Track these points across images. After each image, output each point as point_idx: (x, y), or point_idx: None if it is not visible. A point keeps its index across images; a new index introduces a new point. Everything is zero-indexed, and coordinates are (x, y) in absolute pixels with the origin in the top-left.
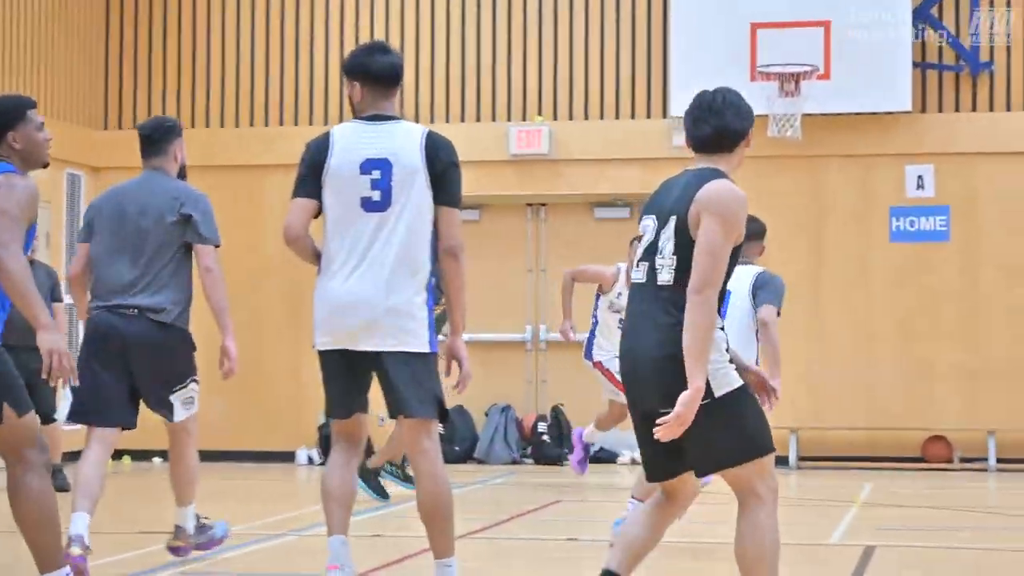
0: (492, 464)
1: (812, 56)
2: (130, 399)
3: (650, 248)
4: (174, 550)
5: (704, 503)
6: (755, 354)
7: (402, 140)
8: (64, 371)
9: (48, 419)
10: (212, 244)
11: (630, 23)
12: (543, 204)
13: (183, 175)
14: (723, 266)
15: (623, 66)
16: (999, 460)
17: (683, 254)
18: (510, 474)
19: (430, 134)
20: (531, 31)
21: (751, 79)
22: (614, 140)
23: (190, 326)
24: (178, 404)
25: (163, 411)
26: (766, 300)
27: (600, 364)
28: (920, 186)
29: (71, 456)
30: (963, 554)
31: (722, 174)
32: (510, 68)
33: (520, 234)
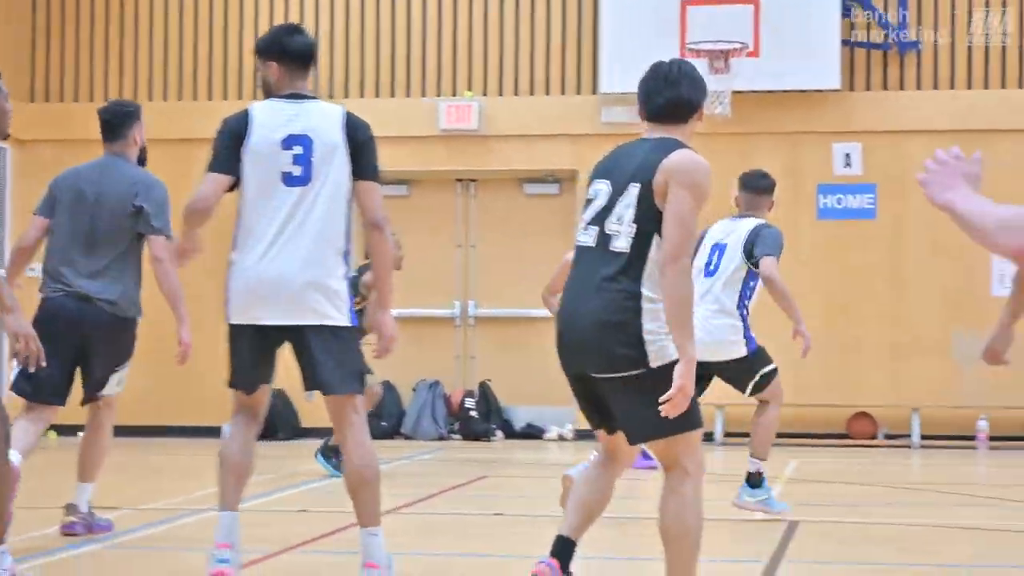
0: (419, 440)
1: (742, 33)
2: (70, 380)
3: (602, 213)
4: (68, 526)
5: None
6: (734, 303)
7: (321, 118)
8: (33, 354)
9: None
10: (163, 235)
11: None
12: (473, 180)
13: (143, 157)
14: (694, 234)
15: (553, 42)
16: (923, 437)
17: (644, 223)
18: (437, 450)
19: (348, 113)
20: (461, 6)
21: (681, 56)
22: (544, 116)
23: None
24: (112, 382)
25: (96, 390)
26: (764, 252)
27: None
28: (848, 164)
29: None
30: (886, 529)
31: (684, 144)
32: (440, 43)
33: (449, 210)
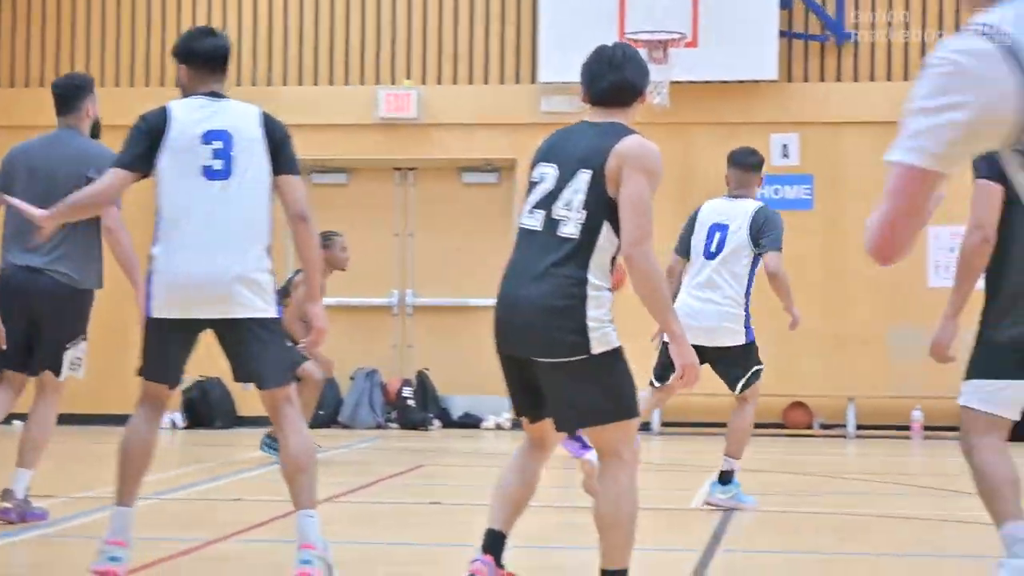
0: (357, 428)
1: (680, 24)
2: (31, 351)
3: (549, 197)
4: (3, 512)
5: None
6: (738, 288)
7: (238, 115)
8: None
9: None
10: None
11: None
12: (411, 168)
13: (97, 130)
14: (651, 218)
15: (493, 31)
16: (858, 427)
17: (594, 209)
18: (375, 438)
19: (264, 111)
20: None
21: None
22: (483, 105)
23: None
24: (66, 363)
25: (50, 367)
26: (770, 247)
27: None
28: (785, 154)
29: None
30: (821, 518)
31: (631, 129)
32: (379, 31)
33: (388, 198)
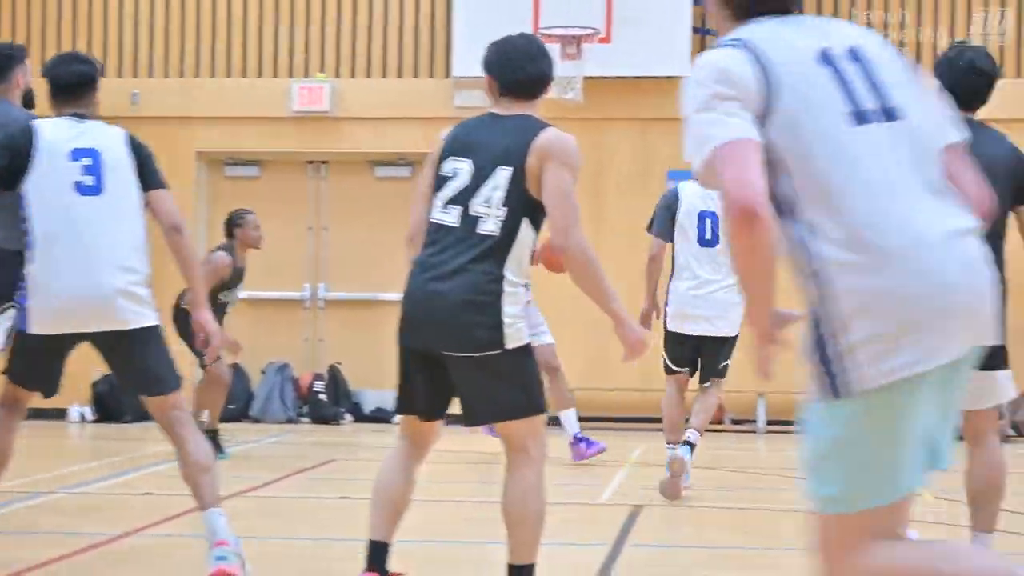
0: (268, 422)
1: (594, 19)
2: None
3: (465, 193)
4: None
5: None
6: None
7: (104, 136)
8: None
9: None
10: None
11: None
12: (324, 162)
13: (30, 100)
14: (578, 208)
15: (406, 25)
16: (768, 422)
17: (514, 207)
18: (286, 432)
19: (128, 133)
20: None
21: None
22: (396, 99)
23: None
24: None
25: None
26: None
27: None
28: None
29: None
30: (731, 514)
31: (544, 122)
32: (292, 24)
33: (300, 192)
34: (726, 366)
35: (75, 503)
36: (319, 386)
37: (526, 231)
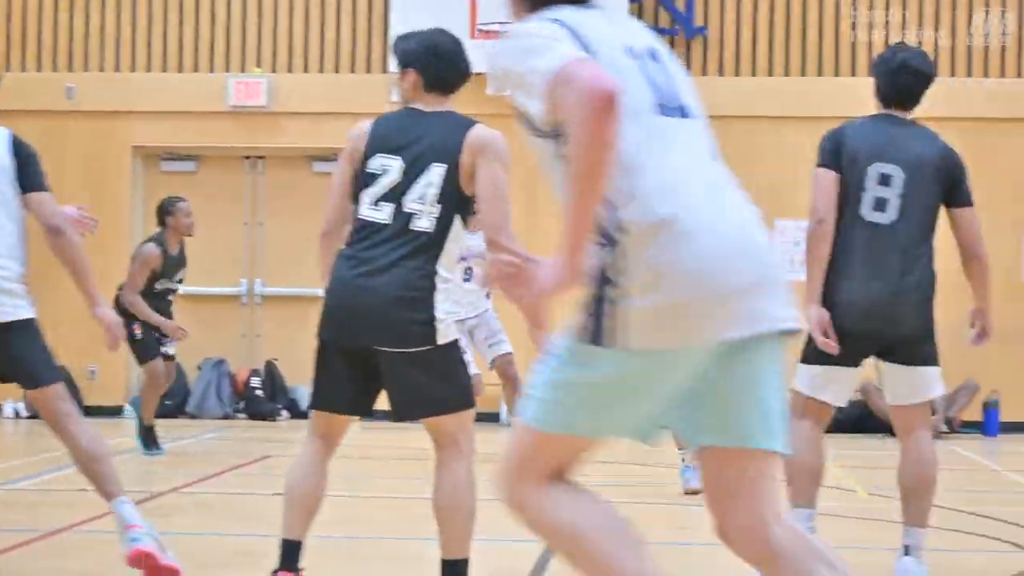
0: (204, 419)
1: None
2: None
3: (396, 190)
4: None
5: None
6: None
7: None
8: None
9: None
10: None
11: None
12: (261, 157)
13: None
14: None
15: (344, 20)
16: None
17: (448, 203)
18: (222, 429)
19: (12, 133)
20: None
21: (471, 36)
22: (333, 94)
23: None
24: None
25: None
26: None
27: None
28: None
29: None
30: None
31: (469, 118)
32: (229, 19)
33: (238, 186)
34: None
35: (9, 499)
36: (256, 382)
37: (458, 227)
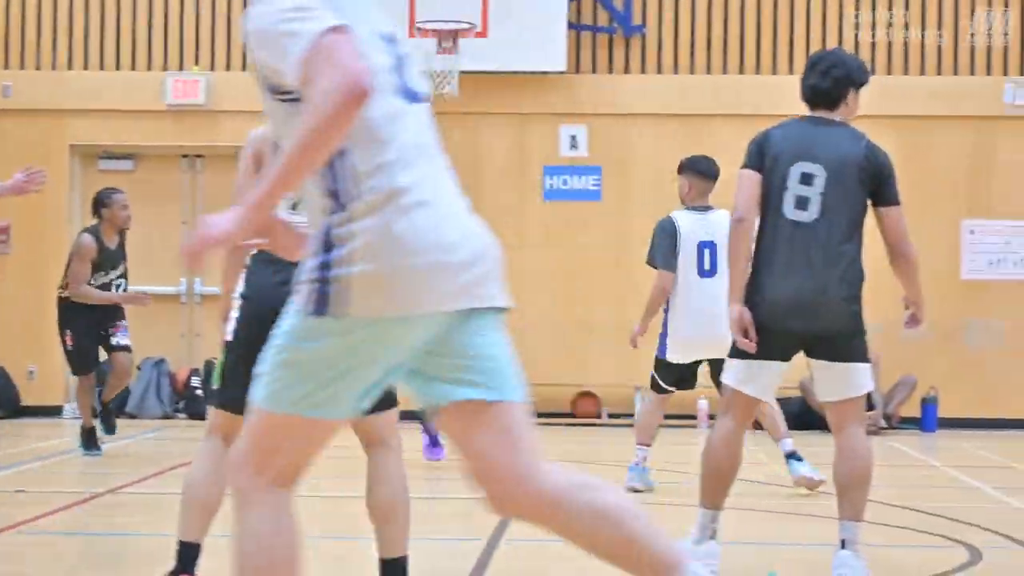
0: (144, 418)
1: (470, 14)
2: None
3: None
4: None
5: None
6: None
7: None
8: None
9: None
10: None
11: None
12: (199, 155)
13: None
14: None
15: None
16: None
17: None
18: (162, 428)
19: None
20: None
21: (410, 35)
22: None
23: None
24: None
25: None
26: None
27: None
28: (574, 146)
29: None
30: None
31: None
32: (167, 17)
33: (176, 185)
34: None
35: None
36: (196, 382)
37: None
